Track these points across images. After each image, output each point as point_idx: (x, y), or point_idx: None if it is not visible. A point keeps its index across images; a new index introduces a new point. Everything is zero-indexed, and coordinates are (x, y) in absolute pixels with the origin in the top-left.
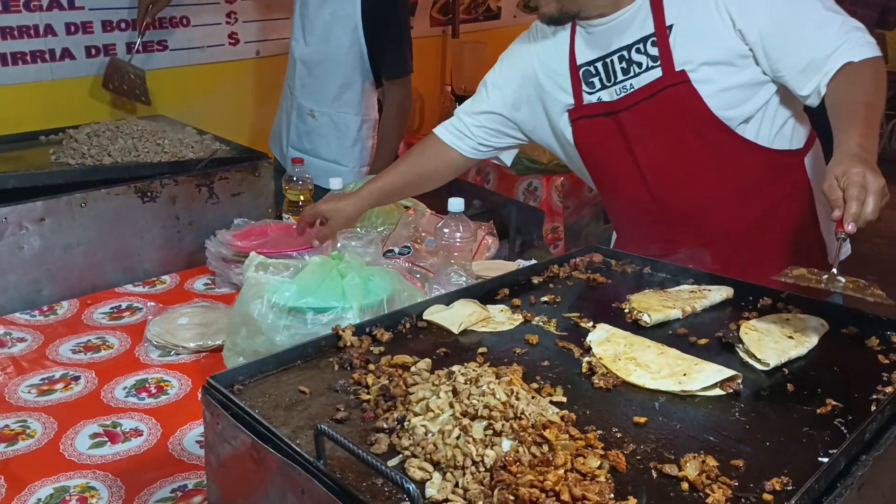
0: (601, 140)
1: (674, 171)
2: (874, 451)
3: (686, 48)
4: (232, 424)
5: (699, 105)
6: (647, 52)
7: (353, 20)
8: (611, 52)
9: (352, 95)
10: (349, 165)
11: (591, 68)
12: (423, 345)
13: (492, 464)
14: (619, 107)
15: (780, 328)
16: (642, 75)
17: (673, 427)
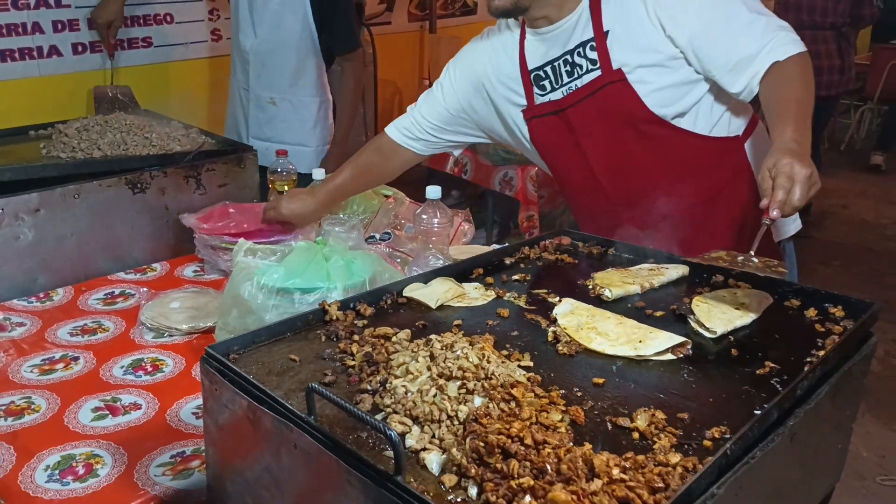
0: (553, 136)
1: (616, 161)
2: (806, 404)
3: (622, 51)
4: (229, 389)
5: (636, 101)
6: (586, 56)
7: (303, 6)
8: (557, 56)
9: (308, 78)
10: (312, 146)
11: (540, 73)
12: (403, 318)
13: (465, 417)
14: (565, 104)
15: (728, 301)
16: (584, 76)
17: (628, 387)
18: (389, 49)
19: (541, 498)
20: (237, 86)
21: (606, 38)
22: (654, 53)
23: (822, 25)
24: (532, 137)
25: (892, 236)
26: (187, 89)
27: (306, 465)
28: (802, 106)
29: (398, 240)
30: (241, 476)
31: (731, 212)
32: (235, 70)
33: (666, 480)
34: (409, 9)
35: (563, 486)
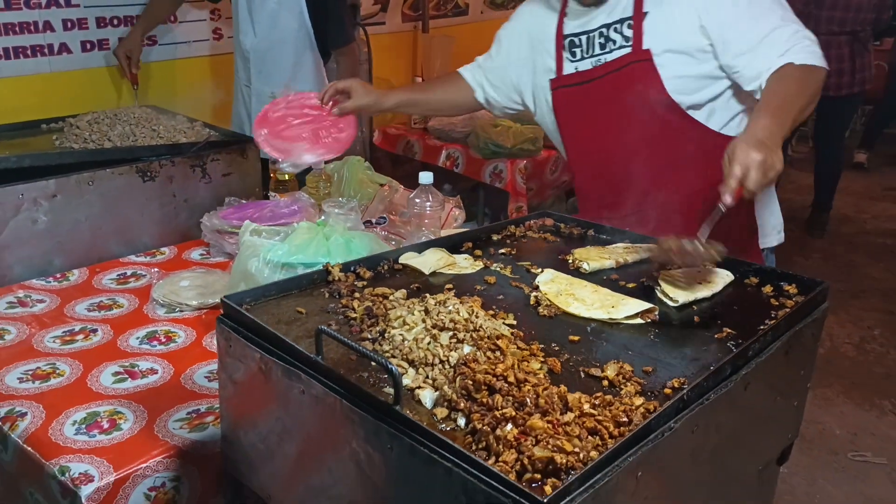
0: (573, 108)
1: (626, 141)
2: (759, 357)
3: (654, 34)
4: (243, 344)
5: (657, 83)
6: (622, 32)
7: (298, 4)
8: (595, 28)
9: (306, 73)
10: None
11: (575, 39)
12: (398, 282)
13: (455, 362)
14: (591, 76)
15: (692, 276)
16: (615, 51)
17: (600, 345)
18: (383, 48)
19: (521, 426)
20: (239, 84)
21: (644, 19)
22: (684, 41)
23: (840, 32)
24: (555, 107)
25: (871, 230)
26: (191, 85)
27: (313, 408)
28: (788, 103)
29: (393, 224)
30: (253, 425)
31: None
32: (238, 69)
33: (630, 416)
34: (402, 9)
35: (540, 416)
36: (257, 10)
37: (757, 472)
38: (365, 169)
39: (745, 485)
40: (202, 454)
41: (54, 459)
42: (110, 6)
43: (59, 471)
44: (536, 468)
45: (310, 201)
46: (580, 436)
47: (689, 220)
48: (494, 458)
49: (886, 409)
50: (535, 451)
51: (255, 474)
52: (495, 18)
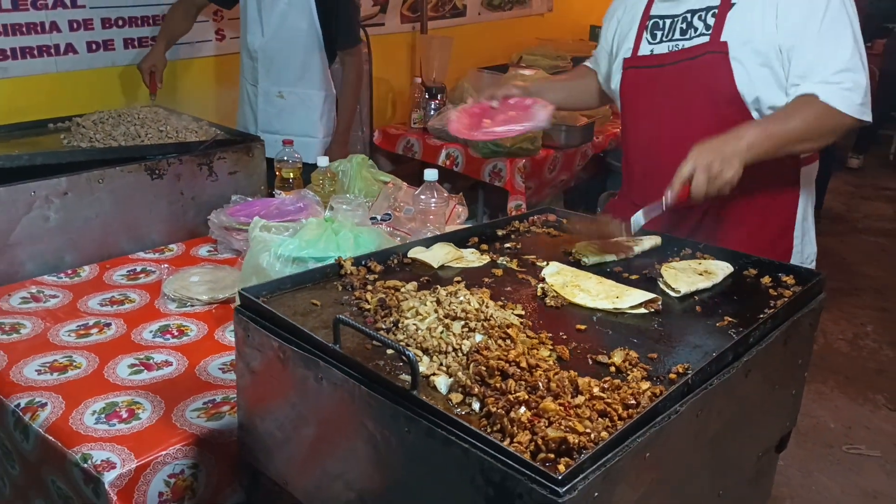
0: (640, 89)
1: (685, 130)
2: (759, 344)
3: (735, 27)
4: (261, 334)
5: (727, 76)
6: (704, 21)
7: (308, 4)
8: (680, 12)
9: (313, 73)
10: (318, 136)
11: (659, 22)
12: (408, 275)
13: (468, 350)
14: (665, 61)
15: (693, 268)
16: (693, 39)
17: (606, 333)
18: (383, 49)
19: (534, 408)
20: (245, 83)
21: (729, 10)
22: (761, 38)
23: None
24: (622, 87)
25: (863, 229)
26: (194, 85)
27: (330, 394)
28: (785, 128)
29: (398, 220)
30: (270, 413)
31: (759, 221)
32: (244, 69)
33: (637, 399)
34: (401, 10)
35: (552, 399)
36: (267, 10)
37: (756, 458)
38: (369, 167)
39: (744, 470)
40: (219, 442)
41: (76, 447)
42: (115, 7)
43: (81, 458)
44: (550, 448)
45: (315, 199)
46: (591, 417)
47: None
48: (509, 439)
49: (880, 403)
50: (549, 431)
51: (271, 461)
52: (493, 20)
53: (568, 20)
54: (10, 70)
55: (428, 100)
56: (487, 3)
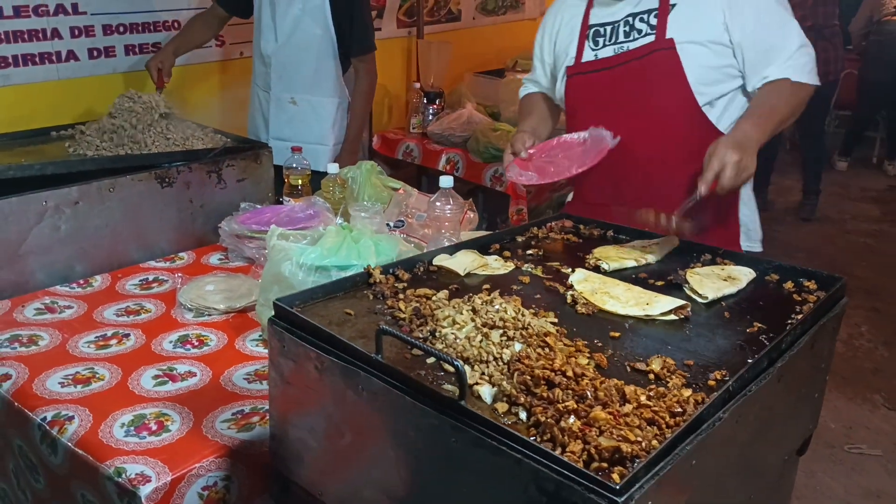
0: (586, 95)
1: (635, 129)
2: (790, 351)
3: (679, 25)
4: (297, 344)
5: (678, 72)
6: (647, 22)
7: (323, 11)
8: (620, 18)
9: (326, 80)
10: (329, 144)
11: (600, 29)
12: (436, 283)
13: (509, 359)
14: (613, 63)
15: (717, 274)
16: (639, 40)
17: (640, 340)
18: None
19: (583, 417)
20: (257, 90)
21: (671, 11)
22: (708, 34)
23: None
24: (567, 93)
25: (851, 230)
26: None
27: (370, 404)
28: (775, 114)
29: (410, 227)
30: (306, 423)
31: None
32: (256, 75)
33: (683, 407)
34: (397, 15)
35: (601, 408)
36: (281, 15)
37: (782, 461)
38: (378, 173)
39: (771, 474)
40: (250, 453)
41: (109, 461)
42: (116, 14)
43: (114, 472)
44: (603, 457)
45: (325, 205)
46: (640, 426)
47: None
48: (560, 448)
49: (878, 402)
50: (601, 440)
51: (304, 471)
52: (487, 24)
53: None
54: (11, 77)
55: (426, 104)
56: (482, 8)
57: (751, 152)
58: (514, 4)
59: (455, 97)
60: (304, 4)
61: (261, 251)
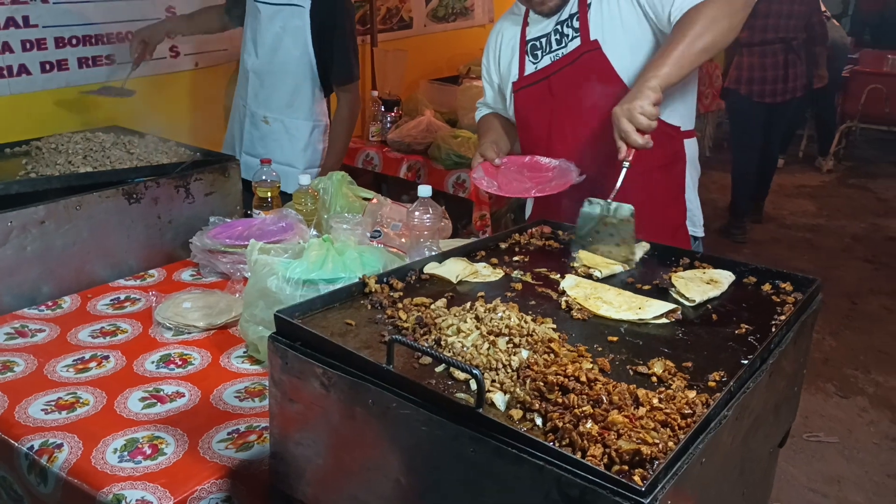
0: (533, 105)
1: (579, 128)
2: (777, 349)
3: (598, 23)
4: (301, 360)
5: (608, 69)
6: (572, 26)
7: (303, 33)
8: (551, 28)
9: (302, 102)
10: (300, 167)
11: (536, 43)
12: (430, 291)
13: (517, 366)
14: (551, 71)
15: (700, 277)
16: (569, 45)
17: (637, 343)
18: None
19: (601, 422)
20: (239, 102)
21: (589, 10)
22: (624, 21)
23: (773, 41)
24: (516, 108)
25: (790, 225)
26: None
27: (381, 417)
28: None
29: (387, 237)
30: (309, 440)
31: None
32: (240, 86)
33: (692, 408)
34: None
35: (617, 412)
36: (262, 31)
37: (768, 453)
38: (348, 184)
39: (759, 465)
40: (250, 472)
41: (106, 488)
42: (68, 26)
43: (113, 499)
44: (624, 460)
45: (298, 217)
46: (655, 428)
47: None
48: (581, 453)
49: (830, 391)
50: (621, 443)
51: (309, 488)
52: (438, 31)
53: None
54: None
55: (385, 113)
56: (433, 15)
57: (642, 94)
58: (463, 11)
59: (412, 104)
60: (285, 23)
61: (235, 266)
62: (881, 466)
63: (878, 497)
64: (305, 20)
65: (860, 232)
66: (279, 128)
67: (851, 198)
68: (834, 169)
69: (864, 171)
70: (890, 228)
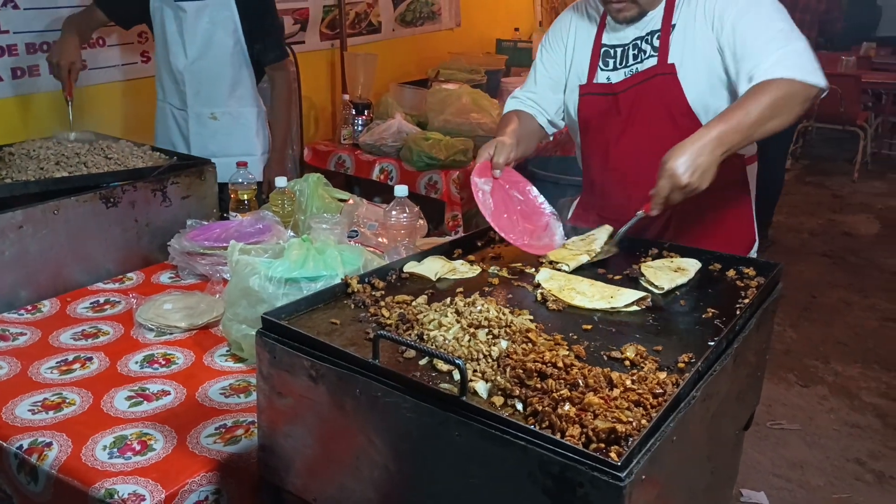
0: (599, 113)
1: (645, 147)
2: (742, 334)
3: (679, 46)
4: (289, 353)
5: (679, 94)
6: (651, 44)
7: (232, 21)
8: (630, 40)
9: (244, 90)
10: (257, 154)
11: (610, 50)
12: (410, 290)
13: (497, 355)
14: (620, 88)
15: (668, 266)
16: (645, 61)
17: (610, 331)
18: (304, 66)
19: (577, 404)
20: (168, 108)
21: (672, 32)
22: (703, 53)
23: None
24: (580, 112)
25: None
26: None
27: (369, 407)
28: (745, 112)
29: (364, 237)
30: (300, 432)
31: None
32: (166, 93)
33: (663, 388)
34: (320, 28)
35: (592, 394)
36: (189, 30)
37: (734, 435)
38: (323, 185)
39: (726, 447)
40: (238, 466)
41: (97, 484)
42: (39, 31)
43: (105, 493)
44: (600, 438)
45: (275, 219)
46: (629, 408)
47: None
48: (560, 433)
49: (792, 381)
50: (598, 423)
51: (298, 478)
52: (406, 35)
53: (475, 34)
54: None
55: (355, 116)
56: (401, 19)
57: (706, 152)
58: (431, 16)
59: (382, 108)
60: (213, 17)
61: (214, 267)
62: (841, 451)
63: (839, 480)
64: (233, 9)
65: (817, 228)
66: (228, 120)
67: (809, 195)
68: (791, 168)
69: (821, 169)
70: (846, 224)
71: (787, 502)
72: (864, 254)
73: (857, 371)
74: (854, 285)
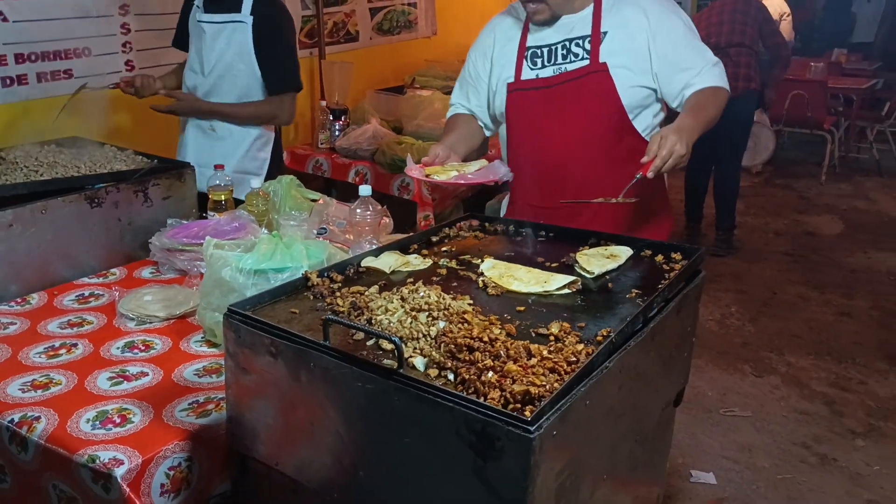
0: (527, 109)
1: (571, 139)
2: (660, 314)
3: (611, 50)
4: (252, 332)
5: (612, 90)
6: (583, 47)
7: (247, 47)
8: (557, 41)
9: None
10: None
11: (538, 51)
12: (366, 282)
13: (435, 334)
14: (553, 82)
15: (601, 253)
16: (576, 62)
17: (541, 311)
18: None
19: (499, 372)
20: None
21: (603, 38)
22: (635, 59)
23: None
24: (509, 105)
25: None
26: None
27: (323, 380)
28: (706, 110)
29: (332, 234)
30: (261, 403)
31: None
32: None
33: (577, 357)
34: (299, 37)
35: (512, 363)
36: (207, 50)
37: (661, 410)
38: (297, 186)
39: (653, 420)
40: (209, 436)
41: (81, 450)
42: (28, 42)
43: (88, 459)
44: (517, 399)
45: (250, 218)
46: (544, 374)
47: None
48: (483, 398)
49: (747, 371)
50: (514, 387)
51: (261, 446)
52: (383, 43)
53: (451, 42)
54: None
55: (333, 121)
56: (378, 28)
57: (690, 141)
58: (407, 25)
59: (359, 113)
60: (229, 39)
61: (192, 262)
62: (788, 436)
63: (783, 462)
64: (248, 34)
65: (782, 228)
66: (225, 133)
67: (776, 196)
68: (762, 171)
69: (790, 172)
70: (809, 223)
71: (733, 482)
72: (824, 252)
73: (809, 362)
74: (812, 282)
